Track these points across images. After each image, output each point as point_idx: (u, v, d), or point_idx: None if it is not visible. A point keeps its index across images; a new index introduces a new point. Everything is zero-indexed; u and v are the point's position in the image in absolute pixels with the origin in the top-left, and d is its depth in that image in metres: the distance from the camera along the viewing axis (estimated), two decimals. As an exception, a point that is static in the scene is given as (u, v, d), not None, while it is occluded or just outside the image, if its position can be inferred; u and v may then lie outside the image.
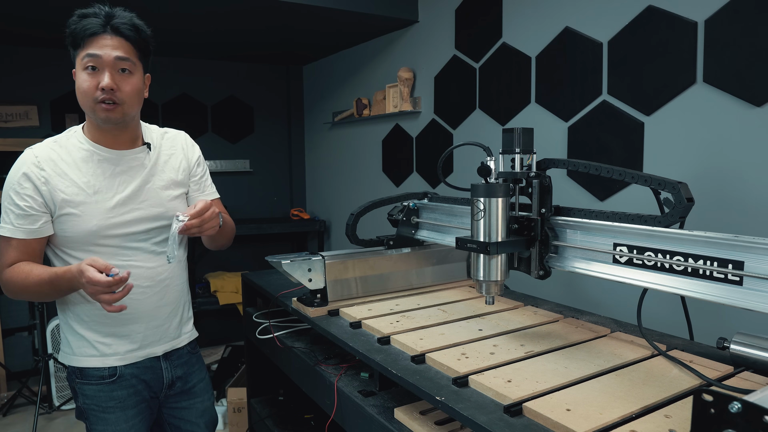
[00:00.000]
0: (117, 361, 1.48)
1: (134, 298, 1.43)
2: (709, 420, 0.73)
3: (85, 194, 1.40)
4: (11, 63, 3.77)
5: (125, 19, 1.36)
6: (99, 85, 1.33)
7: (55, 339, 3.36)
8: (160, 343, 1.55)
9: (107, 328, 1.48)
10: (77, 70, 1.37)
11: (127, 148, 1.47)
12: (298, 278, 1.67)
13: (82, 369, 1.48)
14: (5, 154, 3.74)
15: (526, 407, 1.03)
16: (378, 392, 1.40)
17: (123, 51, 1.35)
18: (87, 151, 1.43)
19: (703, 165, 1.85)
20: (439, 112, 3.10)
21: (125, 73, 1.37)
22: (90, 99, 1.35)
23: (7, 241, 1.40)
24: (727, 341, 1.20)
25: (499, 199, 1.30)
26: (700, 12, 1.82)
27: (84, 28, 1.33)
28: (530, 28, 2.47)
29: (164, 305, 1.55)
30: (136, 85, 1.39)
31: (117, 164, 1.45)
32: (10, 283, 1.41)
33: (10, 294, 1.46)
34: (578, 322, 1.56)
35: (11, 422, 3.28)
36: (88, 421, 1.51)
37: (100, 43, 1.33)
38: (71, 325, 1.50)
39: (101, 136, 1.44)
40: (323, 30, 3.44)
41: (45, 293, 1.41)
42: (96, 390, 1.47)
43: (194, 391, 1.64)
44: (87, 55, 1.33)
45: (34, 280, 1.38)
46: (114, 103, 1.36)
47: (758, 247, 0.98)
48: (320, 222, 4.46)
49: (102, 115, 1.36)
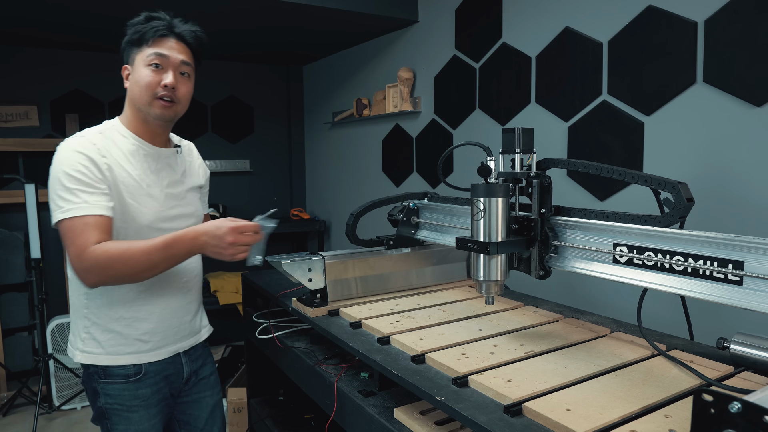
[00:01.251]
0: (152, 357, 1.48)
1: (172, 295, 1.50)
2: (709, 420, 0.73)
3: (138, 186, 1.43)
4: (11, 63, 3.76)
5: (190, 28, 1.47)
6: (162, 82, 1.40)
7: (55, 339, 3.36)
8: (187, 338, 1.58)
9: (146, 324, 1.47)
10: (137, 65, 1.42)
11: (162, 147, 1.53)
12: (298, 278, 1.67)
13: (106, 368, 1.45)
14: (5, 154, 3.75)
15: (526, 407, 1.03)
16: (378, 392, 1.40)
17: (187, 56, 1.45)
18: (133, 144, 1.46)
19: (703, 165, 1.85)
20: (439, 112, 3.10)
21: (184, 77, 1.45)
22: (150, 93, 1.41)
23: (82, 220, 1.30)
24: (727, 341, 1.20)
25: (499, 199, 1.30)
26: (700, 12, 1.82)
27: (153, 29, 1.41)
28: (530, 28, 2.47)
29: (193, 301, 1.60)
30: (191, 89, 1.49)
31: (157, 160, 1.50)
32: (103, 257, 1.28)
33: (101, 274, 1.31)
34: (578, 322, 1.56)
35: (11, 422, 3.28)
36: (109, 421, 1.49)
37: (167, 45, 1.42)
38: (102, 324, 1.45)
39: (144, 131, 1.48)
40: (323, 30, 3.44)
41: (152, 263, 1.31)
42: (120, 389, 1.46)
43: (205, 383, 1.66)
44: (155, 53, 1.40)
45: (141, 248, 1.29)
46: (171, 101, 1.43)
47: (758, 247, 0.98)
48: (320, 222, 4.46)
49: (158, 111, 1.43)
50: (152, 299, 1.47)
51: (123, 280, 1.35)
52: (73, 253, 1.30)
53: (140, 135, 1.47)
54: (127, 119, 1.48)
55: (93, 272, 1.30)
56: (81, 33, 3.45)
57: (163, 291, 1.48)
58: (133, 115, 1.47)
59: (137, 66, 1.42)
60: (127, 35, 1.44)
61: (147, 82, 1.40)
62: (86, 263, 1.29)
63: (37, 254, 3.41)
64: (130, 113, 1.47)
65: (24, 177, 3.69)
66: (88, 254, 1.28)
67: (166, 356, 1.52)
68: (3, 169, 3.75)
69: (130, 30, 1.43)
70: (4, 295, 3.67)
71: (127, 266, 1.30)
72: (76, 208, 1.31)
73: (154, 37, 1.40)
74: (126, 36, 1.44)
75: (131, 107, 1.46)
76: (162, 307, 1.49)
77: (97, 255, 1.28)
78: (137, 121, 1.47)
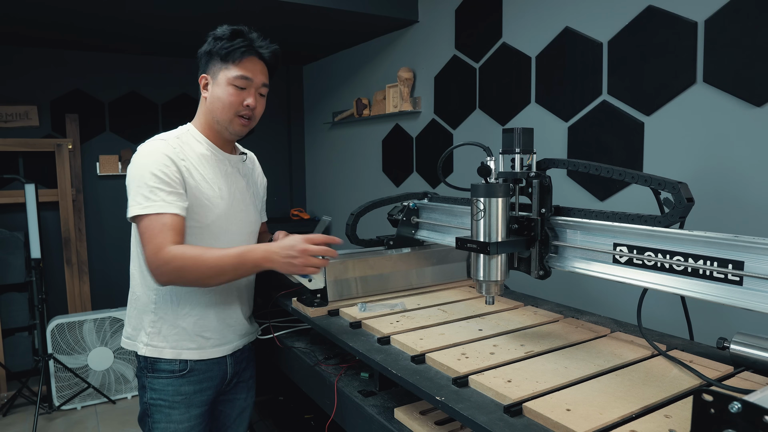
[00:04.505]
0: (212, 354, 1.55)
1: (233, 296, 1.59)
2: (709, 420, 0.73)
3: (210, 188, 1.50)
4: (11, 63, 3.77)
5: (271, 48, 1.53)
6: (244, 102, 1.49)
7: (55, 339, 3.36)
8: (243, 337, 1.65)
9: (209, 322, 1.55)
10: (221, 82, 1.48)
11: (230, 154, 1.62)
12: (298, 278, 1.67)
13: (154, 362, 1.52)
14: (5, 154, 3.75)
15: (526, 407, 1.03)
16: (378, 392, 1.40)
17: (266, 77, 1.53)
18: (207, 149, 1.54)
19: (703, 165, 1.85)
20: (439, 112, 3.10)
21: (261, 97, 1.55)
22: (232, 112, 1.49)
23: (159, 219, 1.37)
24: (727, 341, 1.20)
25: (499, 199, 1.30)
26: (700, 12, 1.82)
27: (240, 49, 1.47)
28: (530, 28, 2.47)
29: (248, 302, 1.69)
30: (264, 107, 1.58)
31: (228, 165, 1.59)
32: (178, 260, 1.34)
33: (173, 275, 1.37)
34: (578, 322, 1.56)
35: (11, 422, 3.28)
36: (151, 419, 1.54)
37: (251, 66, 1.49)
38: (170, 320, 1.51)
39: (216, 138, 1.57)
40: (323, 30, 3.44)
41: (222, 271, 1.37)
42: (165, 383, 1.52)
43: (243, 386, 1.71)
44: (241, 77, 1.47)
45: (214, 256, 1.36)
46: (249, 119, 1.53)
47: (758, 247, 0.98)
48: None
49: (238, 129, 1.53)
50: (216, 299, 1.55)
51: (193, 283, 1.42)
52: (150, 251, 1.37)
53: (213, 141, 1.56)
54: (201, 125, 1.56)
55: (166, 273, 1.37)
56: (81, 33, 3.45)
57: (228, 293, 1.57)
58: (208, 123, 1.55)
59: (220, 82, 1.49)
60: (209, 45, 1.50)
61: (231, 101, 1.48)
62: (161, 263, 1.36)
63: (37, 254, 3.41)
64: (205, 121, 1.55)
65: (24, 177, 3.69)
66: (164, 254, 1.35)
67: (224, 354, 1.58)
68: (3, 169, 3.75)
69: (214, 43, 1.49)
70: (4, 295, 3.67)
71: (198, 271, 1.37)
72: (153, 206, 1.38)
73: (241, 58, 1.47)
74: (207, 45, 1.51)
75: (208, 117, 1.54)
76: (224, 307, 1.57)
77: (173, 256, 1.35)
78: (211, 130, 1.56)
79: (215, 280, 1.40)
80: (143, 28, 3.33)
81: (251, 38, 1.50)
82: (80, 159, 3.97)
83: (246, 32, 1.50)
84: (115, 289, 4.06)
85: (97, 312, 3.53)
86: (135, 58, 4.16)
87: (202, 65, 1.53)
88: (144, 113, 4.22)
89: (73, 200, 3.85)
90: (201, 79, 1.53)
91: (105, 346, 3.48)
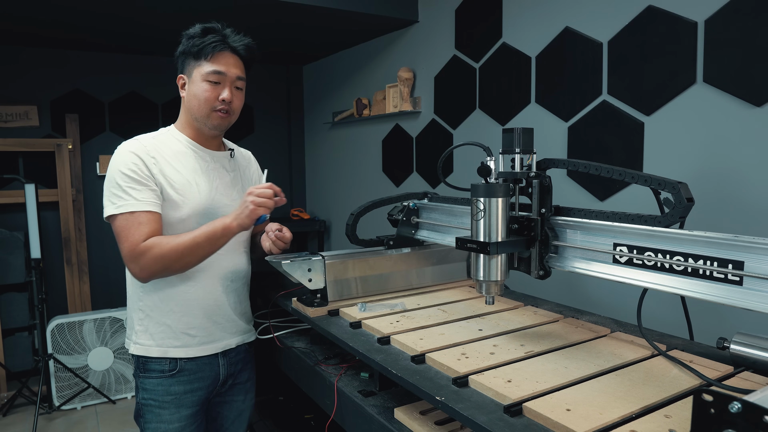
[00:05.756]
0: (198, 352, 1.55)
1: (220, 293, 1.58)
2: (709, 420, 0.73)
3: (187, 182, 1.52)
4: (11, 63, 3.76)
5: (244, 42, 1.55)
6: (219, 96, 1.51)
7: (55, 339, 3.36)
8: (233, 336, 1.63)
9: (194, 320, 1.54)
10: (195, 79, 1.51)
11: (215, 150, 1.63)
12: (298, 278, 1.67)
13: (145, 362, 1.53)
14: (5, 154, 3.75)
15: (526, 407, 1.03)
16: (378, 392, 1.40)
17: (240, 71, 1.54)
18: (185, 146, 1.57)
19: (703, 165, 1.85)
20: (439, 112, 3.10)
21: (238, 90, 1.55)
22: (208, 107, 1.52)
23: (133, 217, 1.42)
24: (727, 341, 1.20)
25: (499, 199, 1.30)
26: (700, 12, 1.82)
27: (211, 44, 1.49)
28: (530, 28, 2.47)
29: (240, 302, 1.66)
30: (242, 100, 1.59)
31: (210, 161, 1.60)
32: (154, 249, 1.39)
33: (152, 263, 1.41)
34: (578, 322, 1.56)
35: (11, 422, 3.28)
36: (143, 419, 1.55)
37: (224, 60, 1.51)
38: (156, 317, 1.53)
39: (197, 136, 1.59)
40: (323, 30, 3.44)
41: (196, 244, 1.42)
42: (155, 383, 1.53)
43: (240, 388, 1.70)
44: (214, 71, 1.49)
45: (187, 240, 1.42)
46: (227, 113, 1.54)
47: (758, 247, 0.98)
48: (320, 222, 4.46)
49: (216, 122, 1.54)
50: (202, 296, 1.55)
51: (172, 266, 1.44)
52: (127, 249, 1.41)
53: (194, 139, 1.58)
54: (181, 125, 1.59)
55: (146, 265, 1.41)
56: (81, 33, 3.45)
57: (213, 289, 1.57)
58: (188, 122, 1.58)
59: (195, 80, 1.51)
60: (183, 45, 1.53)
61: (206, 97, 1.50)
62: (138, 255, 1.40)
63: (37, 254, 3.41)
64: (185, 120, 1.58)
65: (24, 177, 3.69)
66: (140, 248, 1.40)
67: (212, 352, 1.58)
68: (3, 169, 3.75)
69: (187, 42, 1.52)
70: (4, 295, 3.67)
71: (176, 252, 1.41)
72: (126, 204, 1.42)
73: (212, 52, 1.49)
74: (182, 46, 1.54)
75: (187, 115, 1.57)
76: (210, 304, 1.56)
77: (148, 246, 1.40)
78: (191, 128, 1.58)
79: (194, 257, 1.44)
80: (144, 27, 3.33)
81: (224, 34, 1.52)
82: (80, 159, 3.96)
83: (218, 29, 1.52)
84: (115, 289, 4.06)
85: (97, 312, 3.53)
86: (135, 58, 4.16)
87: (179, 66, 1.56)
88: (144, 113, 4.22)
89: (73, 200, 3.85)
90: (179, 80, 1.56)
91: (105, 346, 3.48)
